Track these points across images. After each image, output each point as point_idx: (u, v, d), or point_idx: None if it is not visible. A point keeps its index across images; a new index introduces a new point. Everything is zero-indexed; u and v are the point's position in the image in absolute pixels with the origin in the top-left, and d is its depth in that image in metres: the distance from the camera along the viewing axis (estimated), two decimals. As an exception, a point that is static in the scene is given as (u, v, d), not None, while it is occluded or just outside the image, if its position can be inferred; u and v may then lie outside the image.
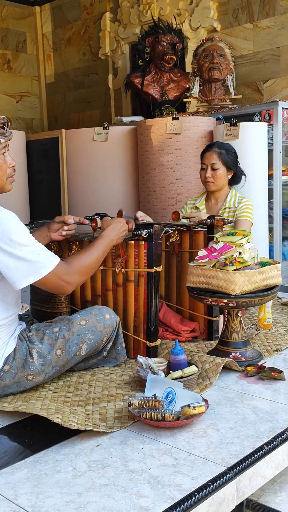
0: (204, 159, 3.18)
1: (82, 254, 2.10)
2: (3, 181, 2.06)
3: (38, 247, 1.92)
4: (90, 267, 2.10)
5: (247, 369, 2.25)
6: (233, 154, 3.20)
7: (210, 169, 3.14)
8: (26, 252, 1.88)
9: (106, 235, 2.22)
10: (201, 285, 2.33)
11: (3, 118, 2.00)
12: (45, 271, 1.91)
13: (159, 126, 4.13)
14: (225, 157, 3.14)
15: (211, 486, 1.44)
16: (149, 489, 1.44)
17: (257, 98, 5.00)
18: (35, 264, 1.89)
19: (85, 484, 1.47)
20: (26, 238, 1.91)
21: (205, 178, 3.17)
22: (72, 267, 2.01)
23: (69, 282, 1.99)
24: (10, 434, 1.82)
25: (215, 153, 3.14)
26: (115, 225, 2.28)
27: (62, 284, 1.98)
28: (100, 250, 2.15)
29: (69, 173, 4.68)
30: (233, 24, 5.13)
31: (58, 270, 1.95)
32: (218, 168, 3.13)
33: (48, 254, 1.94)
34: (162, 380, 1.92)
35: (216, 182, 3.16)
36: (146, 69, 5.30)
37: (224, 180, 3.18)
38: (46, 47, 7.21)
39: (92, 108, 6.73)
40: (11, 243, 1.86)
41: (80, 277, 2.05)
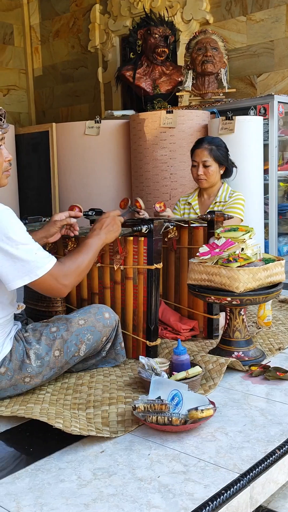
0: (195, 156, 3.10)
1: (76, 254, 2.00)
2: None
3: (35, 246, 1.84)
4: (85, 268, 2.01)
5: (251, 369, 2.19)
6: (224, 148, 3.12)
7: (202, 167, 3.06)
8: (22, 251, 1.79)
9: (94, 234, 2.11)
10: (203, 282, 2.26)
11: (1, 109, 1.91)
12: (42, 272, 1.82)
13: (153, 119, 4.04)
14: (216, 153, 3.06)
15: (225, 494, 1.37)
16: (160, 499, 1.36)
17: (251, 92, 4.93)
18: (31, 264, 1.80)
19: (92, 494, 1.39)
20: (23, 236, 1.82)
21: (197, 176, 3.09)
22: (68, 268, 1.92)
23: (65, 284, 1.90)
24: (8, 440, 1.73)
25: (206, 150, 3.06)
26: (101, 222, 2.15)
27: (58, 286, 1.89)
28: (92, 250, 2.05)
29: (60, 168, 4.57)
30: (226, 17, 5.06)
31: (55, 271, 1.86)
32: (210, 165, 3.06)
33: (45, 254, 1.86)
34: (166, 381, 1.84)
35: (208, 179, 3.08)
36: (137, 62, 5.20)
37: (216, 176, 3.11)
38: (33, 39, 7.07)
39: (81, 102, 6.62)
40: (8, 241, 1.77)
41: (75, 278, 1.97)
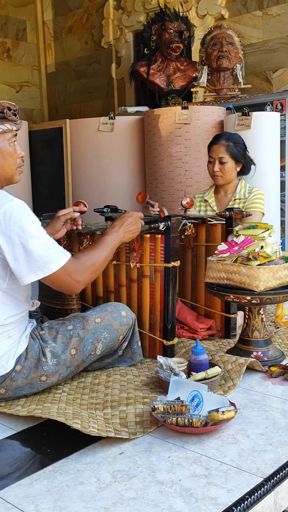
0: (212, 152, 3.05)
1: (92, 251, 1.97)
2: (12, 171, 1.95)
3: (49, 240, 1.81)
4: (100, 265, 1.98)
5: (271, 370, 2.14)
6: (242, 145, 3.06)
7: (218, 163, 3.01)
8: (37, 245, 1.76)
9: (112, 231, 2.08)
10: (222, 280, 2.22)
11: (15, 105, 1.89)
12: (55, 267, 1.80)
13: (168, 115, 3.99)
14: (233, 150, 3.01)
15: (249, 499, 1.33)
16: (182, 503, 1.32)
17: (266, 88, 4.86)
18: (45, 259, 1.77)
19: (112, 498, 1.36)
20: (38, 230, 1.80)
21: (213, 172, 3.04)
22: (82, 264, 1.89)
23: (78, 280, 1.87)
24: (25, 441, 1.70)
25: (223, 146, 3.01)
26: (122, 221, 2.12)
27: (71, 282, 1.86)
28: (109, 247, 2.02)
29: (74, 164, 4.54)
30: (241, 12, 4.99)
31: (69, 267, 1.83)
32: (227, 161, 3.00)
33: (59, 249, 1.83)
34: (185, 382, 1.80)
35: (224, 176, 3.03)
36: (151, 57, 5.15)
37: (232, 173, 3.05)
38: (46, 35, 7.03)
39: (94, 99, 6.58)
40: (23, 234, 1.75)
41: (90, 275, 1.93)
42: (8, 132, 1.89)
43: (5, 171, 1.91)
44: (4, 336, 1.88)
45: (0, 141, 1.87)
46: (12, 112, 1.88)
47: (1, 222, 1.74)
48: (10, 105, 1.87)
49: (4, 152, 1.89)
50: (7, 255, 1.76)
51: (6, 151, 1.89)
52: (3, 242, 1.75)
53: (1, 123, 1.86)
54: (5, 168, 1.91)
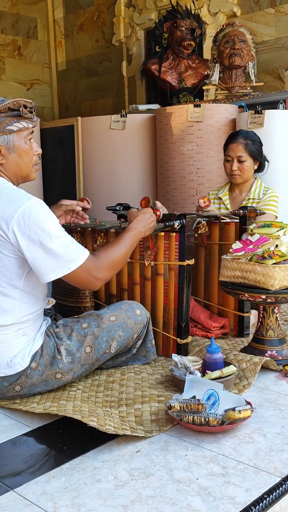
0: (229, 151, 3.03)
1: (111, 247, 1.97)
2: (29, 169, 1.96)
3: (68, 239, 1.82)
4: (119, 261, 1.98)
5: (286, 369, 2.14)
6: (259, 143, 3.05)
7: (237, 162, 2.99)
8: (56, 244, 1.77)
9: (133, 227, 2.09)
10: (236, 279, 2.21)
11: (31, 102, 1.89)
12: (75, 265, 1.80)
13: (180, 113, 3.98)
14: (252, 148, 2.99)
15: (267, 498, 1.33)
16: (200, 502, 1.32)
17: (278, 86, 4.84)
18: (64, 257, 1.78)
19: (130, 496, 1.36)
20: (57, 228, 1.80)
21: (231, 171, 3.02)
22: (101, 262, 1.90)
23: (97, 277, 1.88)
24: (41, 438, 1.71)
25: (241, 145, 2.99)
26: (142, 216, 2.15)
27: (90, 279, 1.87)
28: (129, 244, 2.03)
29: (85, 162, 4.54)
30: (254, 9, 4.96)
31: (88, 265, 1.84)
32: (245, 160, 2.98)
33: (78, 247, 1.83)
34: (201, 380, 1.80)
35: (243, 174, 3.01)
36: (163, 55, 5.14)
37: (250, 172, 3.04)
38: (57, 33, 7.04)
39: (105, 97, 6.58)
40: (42, 233, 1.75)
41: (109, 272, 1.94)
42: (24, 130, 1.89)
43: (21, 169, 1.92)
44: (20, 333, 1.89)
45: (16, 139, 1.87)
46: (28, 109, 1.88)
47: (20, 221, 1.74)
48: (26, 103, 1.86)
49: (20, 151, 1.89)
50: (26, 254, 1.77)
51: (22, 149, 1.89)
52: (23, 241, 1.75)
53: (17, 121, 1.85)
54: (21, 166, 1.91)
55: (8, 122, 1.84)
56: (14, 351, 1.87)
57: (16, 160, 1.88)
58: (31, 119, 1.91)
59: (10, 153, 1.87)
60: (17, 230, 1.75)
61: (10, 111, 1.84)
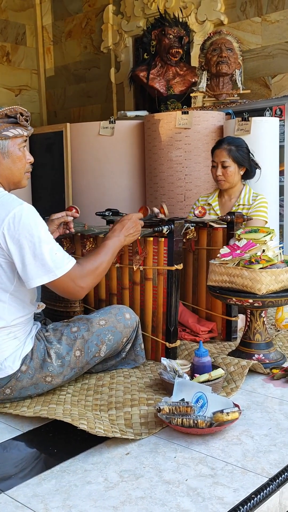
0: (214, 156, 3.08)
1: (94, 256, 1.99)
2: (21, 175, 1.99)
3: (56, 246, 1.84)
4: (103, 270, 2.01)
5: (273, 372, 2.17)
6: (245, 149, 3.09)
7: (221, 167, 3.04)
8: (44, 249, 1.79)
9: (111, 236, 2.10)
10: (224, 284, 2.25)
11: (27, 111, 1.93)
12: (60, 272, 1.82)
13: (168, 120, 4.03)
14: (235, 154, 3.03)
15: (255, 498, 1.35)
16: (190, 502, 1.34)
17: (265, 94, 4.90)
18: (51, 264, 1.80)
19: (120, 497, 1.38)
20: (46, 234, 1.83)
21: (216, 177, 3.07)
22: (85, 271, 1.92)
23: (81, 286, 1.90)
24: (31, 441, 1.72)
25: (224, 150, 3.03)
26: (119, 225, 2.15)
27: (75, 288, 1.89)
28: (111, 252, 2.05)
29: (74, 168, 4.56)
30: (240, 18, 5.03)
31: (73, 273, 1.86)
32: (229, 165, 3.03)
33: (65, 255, 1.86)
34: (190, 383, 1.83)
35: (227, 180, 3.06)
36: (151, 62, 5.18)
37: (236, 177, 3.08)
38: (46, 39, 7.06)
39: (93, 103, 6.61)
40: (31, 238, 1.77)
41: (92, 280, 1.96)
42: (19, 137, 1.92)
43: (14, 175, 1.94)
44: (10, 337, 1.90)
45: (11, 145, 1.90)
46: (24, 118, 1.91)
47: (10, 225, 1.76)
48: (22, 111, 1.90)
49: (14, 156, 1.92)
50: (15, 258, 1.79)
51: (16, 155, 1.92)
52: (12, 245, 1.77)
53: (13, 127, 1.89)
54: (14, 172, 1.94)
55: (5, 127, 1.87)
56: (5, 354, 1.88)
57: (9, 166, 1.91)
58: (26, 127, 1.94)
59: (4, 158, 1.90)
60: (7, 234, 1.77)
61: (7, 117, 1.88)
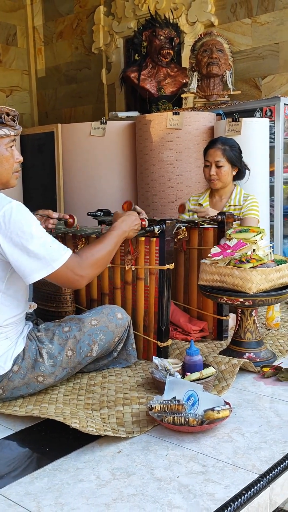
0: (208, 156, 3.10)
1: (94, 246, 2.01)
2: (9, 175, 1.98)
3: (50, 239, 1.84)
4: (103, 259, 2.01)
5: (263, 370, 2.19)
6: (237, 149, 3.12)
7: (215, 167, 3.06)
8: (37, 245, 1.79)
9: (118, 226, 2.13)
10: (215, 283, 2.26)
11: (14, 111, 1.92)
12: (57, 264, 1.83)
13: (159, 121, 4.04)
14: (230, 154, 3.06)
15: (246, 495, 1.37)
16: (181, 499, 1.36)
17: (255, 94, 4.93)
18: (47, 257, 1.81)
19: (112, 494, 1.39)
20: (38, 229, 1.83)
21: (209, 176, 3.09)
22: (84, 260, 1.92)
23: (81, 275, 1.90)
24: (23, 440, 1.73)
25: (219, 150, 3.06)
26: (127, 217, 2.19)
27: (74, 277, 1.89)
28: (113, 242, 2.06)
29: (65, 168, 4.57)
30: (231, 19, 5.06)
31: (71, 263, 1.86)
32: (223, 165, 3.05)
33: (60, 246, 1.86)
34: (181, 382, 1.84)
35: (221, 179, 3.08)
36: (142, 63, 5.20)
37: (229, 177, 3.10)
38: (37, 40, 7.06)
39: (84, 104, 6.61)
40: (23, 235, 1.78)
41: (93, 270, 1.96)
42: (6, 137, 1.91)
43: (1, 175, 1.94)
44: (2, 337, 1.90)
45: None
46: (11, 117, 1.91)
47: (1, 225, 1.76)
48: (9, 111, 1.89)
49: (0, 157, 1.92)
50: (9, 257, 1.79)
51: (2, 155, 1.92)
52: (5, 244, 1.77)
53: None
54: (1, 172, 1.94)
55: (-10, 128, 1.87)
56: (-3, 355, 1.89)
57: None
58: (13, 126, 1.94)
59: None
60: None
61: (-8, 118, 1.87)
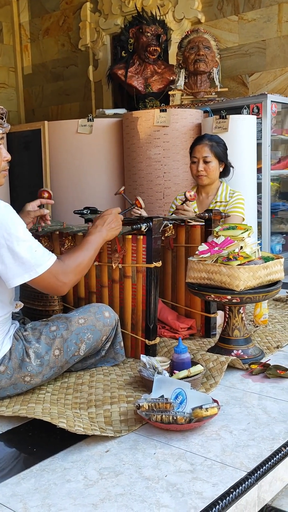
0: (195, 152, 3.10)
1: (77, 252, 1.98)
2: None
3: (35, 243, 1.82)
4: (85, 265, 1.99)
5: (251, 367, 2.19)
6: (223, 146, 3.13)
7: (202, 162, 3.06)
8: (23, 248, 1.77)
9: (92, 231, 2.09)
10: (203, 280, 2.26)
11: (2, 108, 1.90)
12: (41, 270, 1.81)
13: (146, 118, 4.03)
14: (217, 149, 3.07)
15: (234, 492, 1.37)
16: (169, 498, 1.35)
17: (242, 92, 4.94)
18: (31, 262, 1.79)
19: (99, 494, 1.38)
20: (24, 232, 1.81)
21: (197, 172, 3.09)
22: (67, 266, 1.91)
23: (64, 282, 1.89)
24: (10, 441, 1.71)
25: (206, 146, 3.06)
26: (100, 220, 2.14)
27: (58, 283, 1.87)
28: (93, 248, 2.04)
29: (52, 166, 4.54)
30: (217, 16, 5.06)
31: (55, 269, 1.84)
32: (211, 161, 3.05)
33: (45, 251, 1.84)
34: (169, 380, 1.83)
35: (209, 175, 3.08)
36: (129, 60, 5.18)
37: (216, 173, 3.10)
38: (23, 37, 7.01)
39: (71, 101, 6.58)
40: (9, 237, 1.76)
41: (75, 276, 1.95)
42: None
43: (-12, 174, 1.92)
44: (-12, 337, 1.88)
45: None
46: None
47: (-14, 225, 1.74)
48: (-3, 109, 1.87)
49: None
50: None
51: (-10, 154, 1.90)
52: None
53: (-15, 126, 1.86)
54: None
55: (-23, 126, 1.84)
56: (-18, 355, 1.87)
57: None
58: (1, 125, 1.91)
59: None
60: None
61: (-20, 116, 1.85)
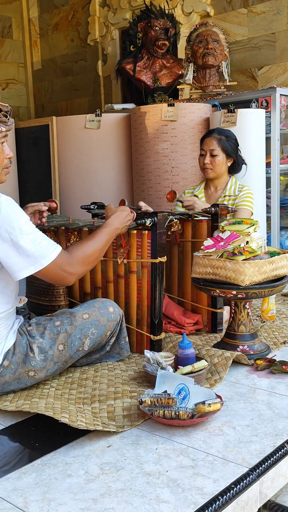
0: (204, 145, 3.09)
1: (85, 243, 1.99)
2: None
3: (39, 235, 1.82)
4: (93, 256, 1.99)
5: (257, 363, 2.17)
6: (234, 141, 3.10)
7: (209, 155, 3.04)
8: (27, 240, 1.77)
9: (110, 223, 2.11)
10: (208, 276, 2.24)
11: (7, 106, 1.89)
12: (46, 261, 1.81)
13: (154, 113, 4.01)
14: (225, 144, 3.05)
15: (235, 488, 1.36)
16: (169, 494, 1.34)
17: (252, 85, 4.90)
18: (36, 254, 1.79)
19: (100, 489, 1.38)
20: (27, 225, 1.81)
21: (203, 164, 3.08)
22: (74, 257, 1.91)
23: (70, 272, 1.89)
24: (13, 435, 1.71)
25: (214, 139, 3.05)
26: (120, 213, 2.16)
27: (63, 274, 1.88)
28: (104, 239, 2.04)
29: (60, 161, 4.54)
30: (227, 9, 5.01)
31: (60, 260, 1.84)
32: (217, 154, 3.04)
33: (50, 242, 1.84)
34: (172, 375, 1.82)
35: (214, 168, 3.06)
36: (138, 55, 5.16)
37: (223, 167, 3.08)
38: (32, 32, 7.01)
39: (81, 96, 6.57)
40: (12, 230, 1.76)
41: (82, 267, 1.95)
42: None
43: (-10, 171, 1.92)
44: (-9, 332, 1.89)
45: None
46: (3, 113, 1.88)
47: (-11, 219, 1.74)
48: (2, 106, 1.86)
49: None
50: None
51: (-7, 151, 1.90)
52: None
53: (-10, 123, 1.86)
54: None
55: (-19, 124, 1.84)
56: (-14, 350, 1.87)
57: None
58: (5, 122, 1.91)
59: None
60: None
61: (-16, 113, 1.85)
